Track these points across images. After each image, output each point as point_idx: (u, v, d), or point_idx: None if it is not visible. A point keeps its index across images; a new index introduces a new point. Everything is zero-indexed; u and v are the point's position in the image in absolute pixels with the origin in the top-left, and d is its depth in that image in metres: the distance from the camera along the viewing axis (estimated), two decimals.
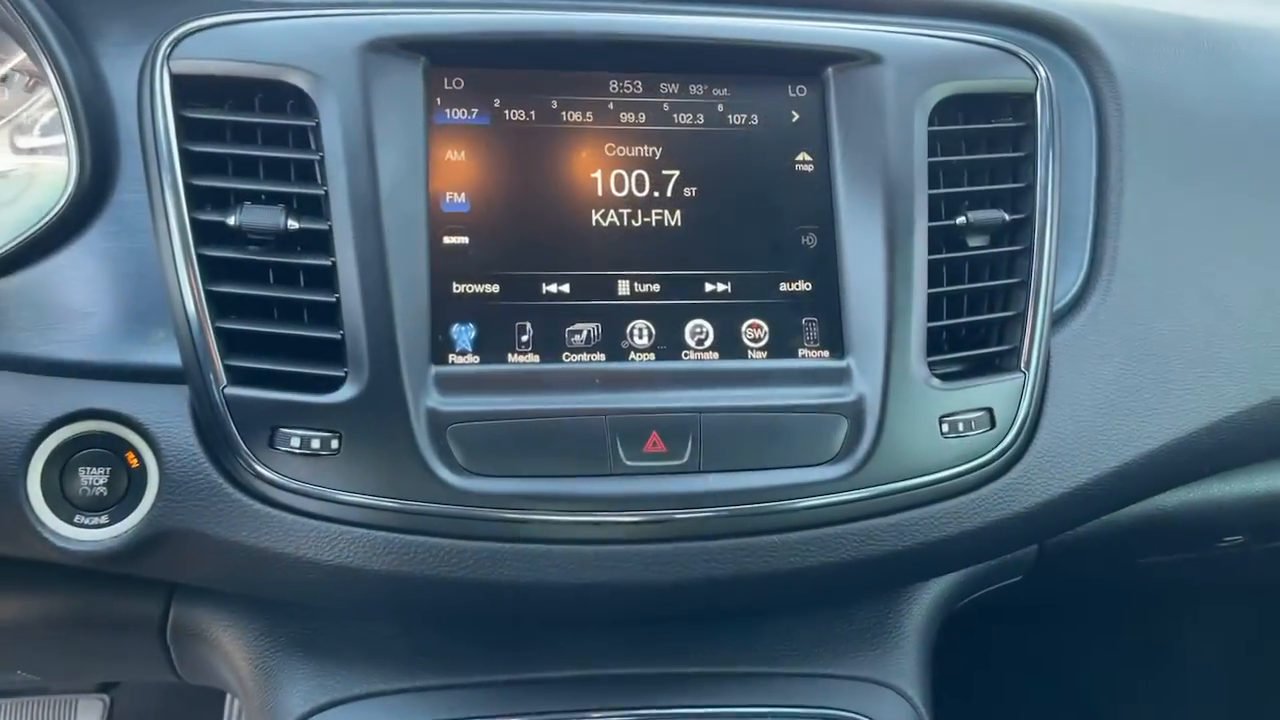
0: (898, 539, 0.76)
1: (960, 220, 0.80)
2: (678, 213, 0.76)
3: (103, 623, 0.85)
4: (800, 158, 0.79)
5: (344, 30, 0.73)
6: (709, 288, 0.75)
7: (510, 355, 0.72)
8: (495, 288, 0.73)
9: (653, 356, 0.74)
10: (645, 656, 0.82)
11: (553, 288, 0.73)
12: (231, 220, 0.69)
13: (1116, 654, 1.41)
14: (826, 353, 0.76)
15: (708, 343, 0.75)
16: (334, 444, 0.68)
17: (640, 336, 0.74)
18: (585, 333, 0.73)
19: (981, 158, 0.83)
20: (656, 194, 0.75)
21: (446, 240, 0.72)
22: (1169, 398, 0.84)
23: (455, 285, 0.72)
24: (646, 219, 0.75)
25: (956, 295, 0.80)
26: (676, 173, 0.76)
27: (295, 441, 0.68)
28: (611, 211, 0.75)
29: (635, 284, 0.74)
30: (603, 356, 0.73)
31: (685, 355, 0.74)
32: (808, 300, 0.76)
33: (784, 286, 0.76)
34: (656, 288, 0.75)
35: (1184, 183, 0.90)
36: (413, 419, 0.68)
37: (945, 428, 0.76)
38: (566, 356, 0.73)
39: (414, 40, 0.72)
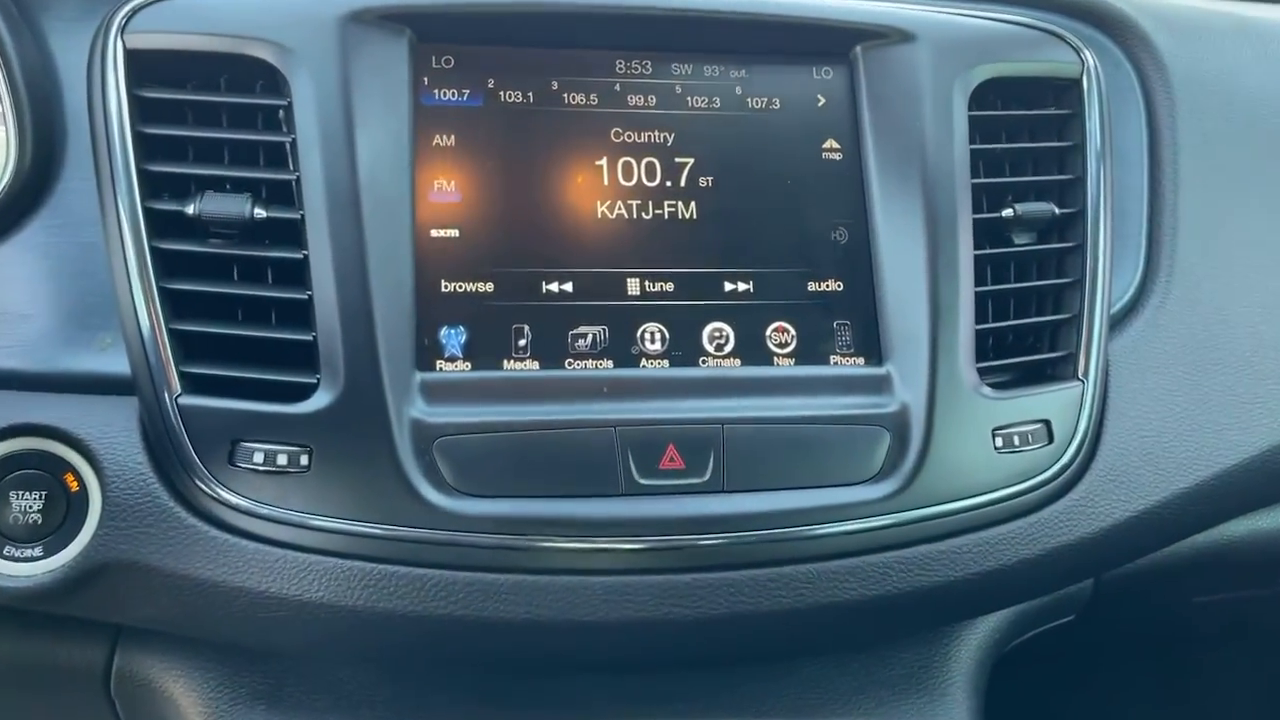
0: (949, 568, 0.68)
1: (1007, 213, 0.74)
2: (692, 204, 0.70)
3: (38, 674, 0.76)
4: (828, 145, 0.73)
5: (320, 1, 0.67)
6: (729, 287, 0.69)
7: (506, 361, 0.66)
8: (489, 286, 0.67)
9: (666, 363, 0.67)
10: (660, 707, 0.74)
11: (554, 286, 0.67)
12: (190, 209, 0.63)
13: (1171, 706, 1.32)
14: (861, 359, 0.70)
15: (728, 348, 0.69)
16: (303, 460, 0.61)
17: (652, 341, 0.68)
18: (591, 336, 0.67)
19: (1024, 146, 0.76)
20: (669, 184, 0.70)
21: (434, 233, 0.67)
22: (1241, 411, 0.77)
23: (444, 283, 0.66)
24: (658, 211, 0.69)
25: (1003, 296, 0.73)
26: (691, 161, 0.71)
27: (259, 458, 0.61)
28: (619, 203, 0.69)
29: (646, 283, 0.68)
30: (610, 363, 0.67)
31: (703, 362, 0.68)
32: (839, 301, 0.70)
33: (812, 286, 0.70)
34: (670, 287, 0.69)
35: (1242, 178, 0.84)
36: (394, 431, 0.62)
37: (999, 441, 0.69)
38: (569, 363, 0.67)
39: (398, 11, 0.67)
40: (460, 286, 0.66)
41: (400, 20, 0.67)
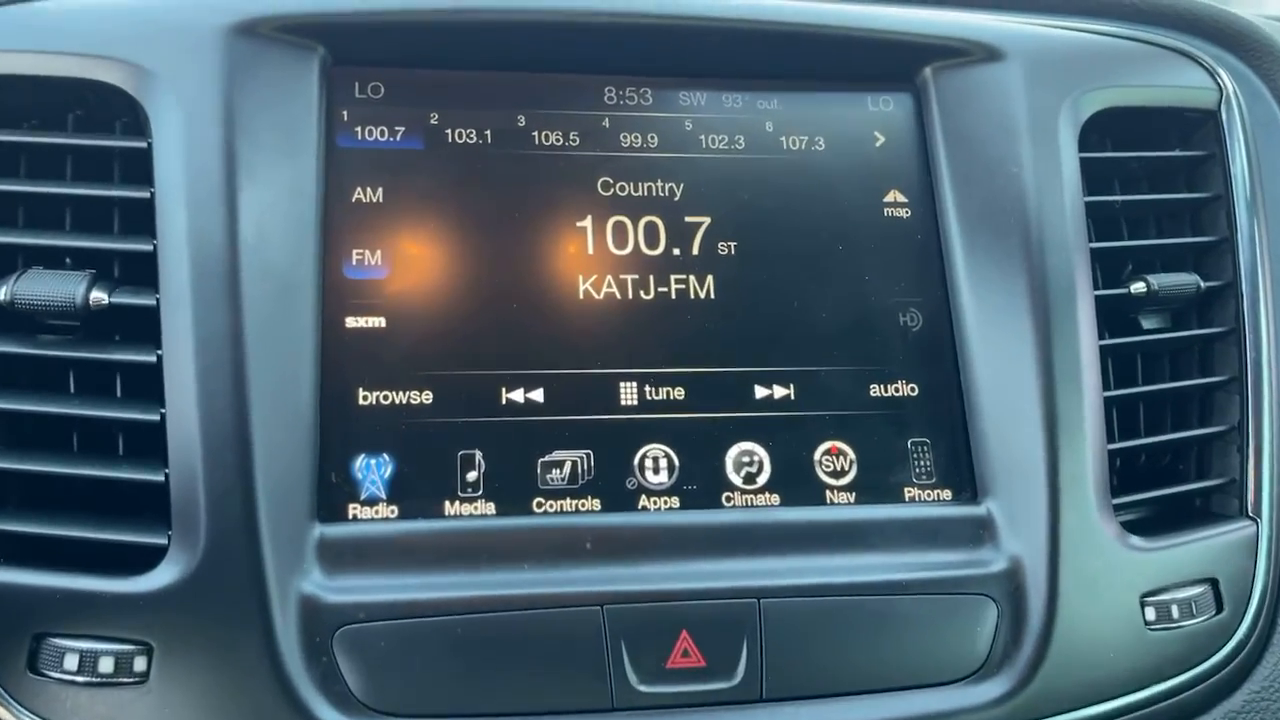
0: None
1: (1136, 288, 0.59)
2: (708, 280, 0.57)
3: None
4: (890, 198, 0.60)
5: (197, 8, 0.54)
6: (761, 393, 0.56)
7: (448, 504, 0.52)
8: (426, 396, 0.54)
9: (676, 503, 0.54)
10: None
11: (517, 395, 0.54)
12: (2, 294, 0.51)
13: None
14: (949, 492, 0.56)
15: (762, 479, 0.55)
16: (138, 665, 0.47)
17: (655, 470, 0.54)
18: (569, 466, 0.54)
19: (1149, 199, 0.62)
20: (676, 251, 0.58)
21: (350, 322, 0.54)
22: None
23: (363, 393, 0.53)
24: (662, 289, 0.58)
25: (1129, 402, 0.59)
26: (705, 221, 0.58)
27: (72, 663, 0.47)
28: (609, 278, 0.57)
29: (646, 387, 0.56)
30: (597, 504, 0.54)
31: (728, 500, 0.55)
32: (914, 410, 0.58)
33: (876, 390, 0.57)
34: (679, 393, 0.56)
35: None
36: (275, 617, 0.47)
37: (1150, 613, 0.54)
38: (539, 505, 0.53)
39: (307, 22, 0.55)
40: (386, 397, 0.53)
41: (309, 34, 0.56)
